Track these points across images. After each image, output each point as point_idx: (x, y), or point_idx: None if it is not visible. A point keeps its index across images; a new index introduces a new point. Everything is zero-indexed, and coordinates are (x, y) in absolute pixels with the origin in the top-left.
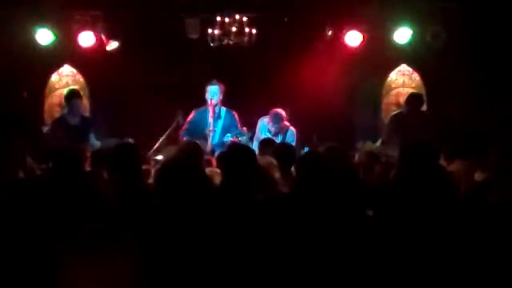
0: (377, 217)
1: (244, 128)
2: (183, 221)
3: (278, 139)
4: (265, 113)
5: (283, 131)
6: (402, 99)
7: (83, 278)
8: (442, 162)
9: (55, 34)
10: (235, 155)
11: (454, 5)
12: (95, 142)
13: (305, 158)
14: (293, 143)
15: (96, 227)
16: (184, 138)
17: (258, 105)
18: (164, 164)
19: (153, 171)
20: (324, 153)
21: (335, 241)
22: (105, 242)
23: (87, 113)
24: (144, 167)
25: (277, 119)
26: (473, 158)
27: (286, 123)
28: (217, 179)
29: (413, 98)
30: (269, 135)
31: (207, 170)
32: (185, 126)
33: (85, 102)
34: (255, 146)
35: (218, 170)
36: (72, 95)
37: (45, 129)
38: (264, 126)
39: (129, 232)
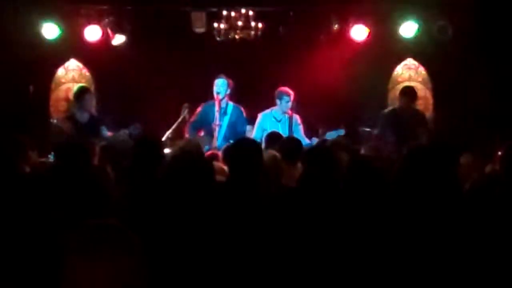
0: (382, 211)
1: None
2: (190, 216)
3: (285, 125)
4: (270, 107)
5: (290, 115)
6: None
7: (84, 274)
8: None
9: (61, 28)
10: (243, 150)
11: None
12: (107, 135)
13: (314, 151)
14: (300, 128)
15: (98, 223)
16: (189, 133)
17: (264, 99)
18: (172, 159)
19: None
20: (331, 146)
21: (341, 235)
22: (106, 238)
23: (93, 108)
24: None
25: (287, 94)
26: (481, 151)
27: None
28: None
29: (407, 91)
30: (275, 122)
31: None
32: (193, 119)
33: None
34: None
35: (221, 165)
36: (83, 92)
37: (54, 121)
38: (268, 116)
39: (132, 229)
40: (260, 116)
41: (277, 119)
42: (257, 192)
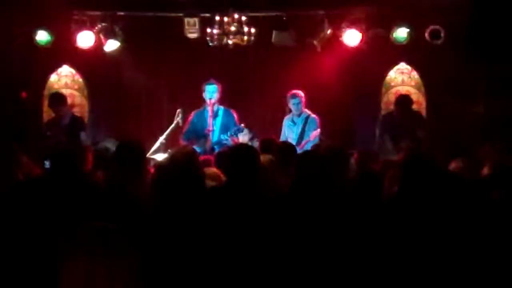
0: (378, 216)
1: (242, 124)
2: (182, 221)
3: (298, 127)
4: (264, 111)
5: (304, 117)
6: None
7: (82, 274)
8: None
9: (53, 34)
10: (239, 155)
11: (453, 4)
12: (86, 141)
13: (304, 157)
14: (312, 132)
15: (95, 225)
16: (183, 140)
17: (257, 104)
18: (160, 166)
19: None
20: (324, 152)
21: (333, 240)
22: (103, 240)
23: (85, 114)
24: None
25: (293, 96)
26: (472, 156)
27: (307, 110)
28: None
29: (402, 99)
30: (292, 125)
31: (207, 171)
32: (186, 127)
33: (84, 102)
34: None
35: (216, 170)
36: (54, 101)
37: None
38: (287, 120)
39: (127, 232)
40: (283, 123)
41: (294, 122)
42: (254, 197)
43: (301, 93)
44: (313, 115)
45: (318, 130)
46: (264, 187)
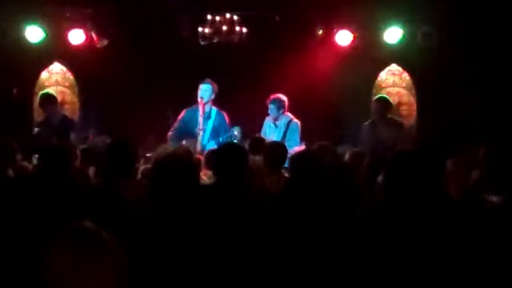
0: (367, 217)
1: (235, 132)
2: (174, 220)
3: (280, 131)
4: (255, 111)
5: (286, 121)
6: (392, 99)
7: (65, 276)
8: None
9: (45, 32)
10: (228, 154)
11: (445, 5)
12: (75, 140)
13: (298, 156)
14: (297, 136)
15: (75, 226)
16: (171, 141)
17: (248, 104)
18: (157, 162)
19: (141, 168)
20: (317, 151)
21: (326, 240)
22: (89, 241)
23: (76, 112)
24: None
25: (271, 101)
26: (464, 157)
27: (289, 114)
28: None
29: (377, 103)
30: (274, 128)
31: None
32: (175, 125)
33: (74, 100)
34: None
35: (205, 178)
36: (44, 101)
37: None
38: (267, 122)
39: (113, 232)
40: (264, 122)
41: (276, 125)
42: (243, 196)
43: (280, 97)
44: (295, 120)
45: (303, 146)
46: (253, 186)
